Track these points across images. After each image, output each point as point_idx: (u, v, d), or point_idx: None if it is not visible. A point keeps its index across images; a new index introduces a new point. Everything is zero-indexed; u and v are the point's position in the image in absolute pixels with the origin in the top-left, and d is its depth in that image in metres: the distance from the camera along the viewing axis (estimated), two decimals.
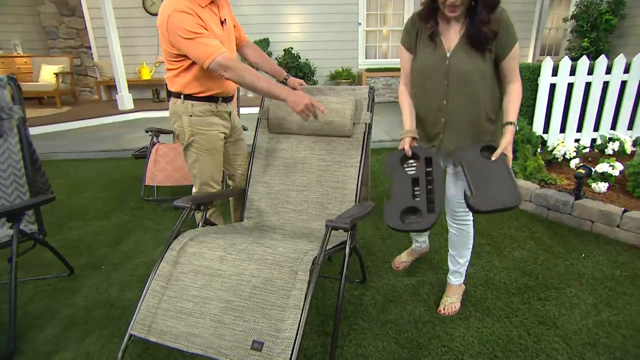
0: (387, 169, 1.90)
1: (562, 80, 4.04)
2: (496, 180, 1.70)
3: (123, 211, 3.45)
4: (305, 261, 1.57)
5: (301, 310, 1.42)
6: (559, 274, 2.47)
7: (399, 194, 1.81)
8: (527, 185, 3.34)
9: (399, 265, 2.56)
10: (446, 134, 1.91)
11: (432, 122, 1.93)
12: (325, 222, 1.65)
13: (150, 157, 3.35)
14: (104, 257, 2.76)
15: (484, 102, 1.83)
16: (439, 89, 1.85)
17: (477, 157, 1.79)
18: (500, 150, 1.75)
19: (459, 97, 1.83)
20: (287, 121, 2.34)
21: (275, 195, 2.32)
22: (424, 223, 1.71)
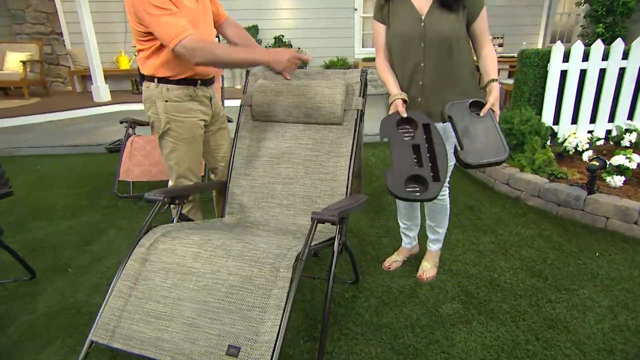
0: (384, 134, 1.96)
1: (574, 67, 4.01)
2: (485, 135, 1.84)
3: (95, 209, 3.40)
4: (289, 257, 1.53)
5: (282, 311, 1.38)
6: (570, 274, 2.44)
7: (401, 161, 1.87)
8: (536, 179, 3.32)
9: (390, 265, 2.55)
10: (424, 97, 2.06)
11: (409, 85, 2.06)
12: (311, 214, 1.60)
13: (125, 151, 3.30)
14: (70, 259, 2.70)
15: (460, 62, 2.00)
16: (416, 52, 2.00)
17: (465, 112, 1.92)
18: (489, 106, 1.91)
19: (436, 57, 1.98)
20: (272, 108, 2.30)
21: (259, 189, 2.28)
22: (430, 192, 1.78)
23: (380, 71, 2.15)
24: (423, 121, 1.96)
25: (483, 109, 1.92)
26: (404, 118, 1.98)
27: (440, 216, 2.39)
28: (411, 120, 1.98)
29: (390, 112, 2.03)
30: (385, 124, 1.99)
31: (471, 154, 1.82)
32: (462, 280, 2.40)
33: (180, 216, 1.97)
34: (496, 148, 1.81)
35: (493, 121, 1.89)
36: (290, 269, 1.49)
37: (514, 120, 3.76)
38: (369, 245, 2.82)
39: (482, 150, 1.82)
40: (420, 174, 1.84)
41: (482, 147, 1.83)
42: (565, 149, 3.86)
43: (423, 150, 1.89)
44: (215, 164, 2.36)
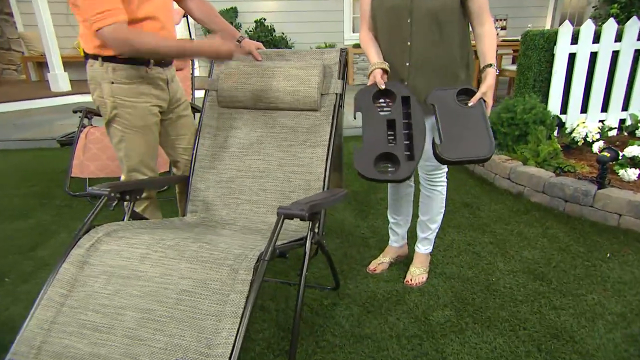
0: (357, 108, 1.92)
1: (584, 49, 3.99)
2: (470, 128, 1.80)
3: (45, 210, 3.31)
4: (250, 258, 1.47)
5: (240, 319, 1.32)
6: (577, 278, 2.40)
7: (372, 138, 1.84)
8: (540, 173, 3.29)
9: (375, 268, 2.50)
10: (411, 80, 2.01)
11: (395, 67, 2.02)
12: (277, 209, 1.55)
13: (79, 144, 3.22)
14: (11, 266, 2.62)
15: (453, 43, 1.95)
16: (402, 29, 1.95)
17: (452, 101, 1.88)
18: (479, 95, 1.86)
19: (424, 37, 1.93)
20: (241, 93, 2.25)
21: (225, 184, 2.22)
22: (400, 172, 1.76)
23: (363, 42, 2.11)
24: (402, 93, 1.92)
25: (472, 98, 1.87)
26: (382, 90, 1.94)
27: (434, 207, 2.32)
28: (390, 93, 1.94)
29: (368, 83, 1.98)
30: (359, 97, 1.95)
31: (450, 148, 1.78)
32: (455, 285, 2.36)
33: (133, 214, 1.90)
34: (479, 143, 1.78)
35: (482, 113, 1.84)
36: (250, 271, 1.42)
37: (517, 109, 3.72)
38: (353, 246, 2.76)
39: (463, 145, 1.78)
40: (393, 151, 1.80)
41: (464, 141, 1.79)
42: (573, 140, 3.84)
43: (399, 125, 1.85)
44: (176, 157, 2.29)
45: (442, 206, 2.35)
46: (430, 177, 2.26)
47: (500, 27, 6.19)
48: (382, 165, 1.85)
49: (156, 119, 2.07)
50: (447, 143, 1.80)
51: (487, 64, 1.92)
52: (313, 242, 1.76)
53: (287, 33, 8.34)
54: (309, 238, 1.73)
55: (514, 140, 3.77)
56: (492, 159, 3.67)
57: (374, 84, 1.95)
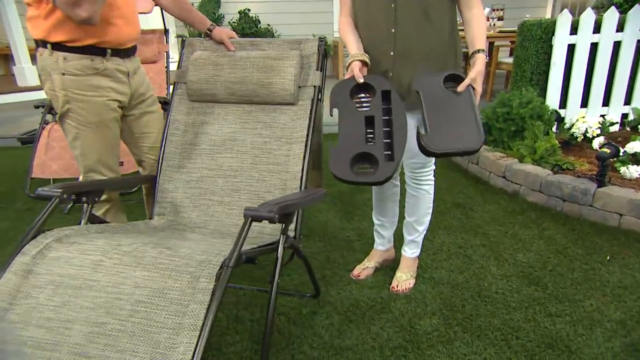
0: (334, 104, 1.87)
1: (584, 40, 3.96)
2: (458, 118, 1.76)
3: (6, 214, 3.23)
4: (213, 264, 1.42)
5: (200, 331, 1.26)
6: (575, 282, 2.37)
7: (348, 137, 1.80)
8: (537, 171, 3.25)
9: (359, 274, 2.45)
10: (396, 71, 1.96)
11: (378, 57, 1.96)
12: (244, 210, 1.49)
13: (40, 142, 3.14)
14: None
15: (441, 30, 1.91)
16: (385, 14, 1.89)
17: (438, 87, 1.84)
18: (468, 82, 1.82)
19: (410, 23, 1.88)
20: (212, 85, 2.19)
21: (196, 184, 2.17)
22: (379, 174, 1.71)
23: (341, 30, 2.06)
24: (383, 87, 1.86)
25: (461, 85, 1.83)
26: (361, 84, 1.88)
27: (421, 208, 2.29)
28: (370, 88, 1.88)
29: (346, 76, 1.93)
30: (336, 92, 1.89)
31: (436, 139, 1.74)
32: (444, 291, 2.31)
33: (91, 218, 1.83)
34: (468, 134, 1.73)
35: (471, 101, 1.80)
36: (212, 279, 1.37)
37: (513, 103, 3.69)
38: (337, 250, 2.71)
39: (450, 136, 1.74)
40: (371, 151, 1.75)
41: (451, 132, 1.75)
42: (572, 136, 3.81)
43: (378, 123, 1.80)
44: (141, 156, 2.23)
45: (430, 206, 2.31)
46: (416, 176, 2.22)
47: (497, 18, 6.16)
48: (360, 166, 1.80)
49: (115, 114, 2.00)
50: (433, 133, 1.75)
51: (476, 50, 1.88)
52: (286, 247, 1.71)
53: (273, 24, 8.27)
54: (281, 242, 1.68)
55: (509, 137, 3.74)
56: (487, 157, 3.63)
57: (352, 78, 1.90)
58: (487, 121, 3.88)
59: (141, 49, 3.63)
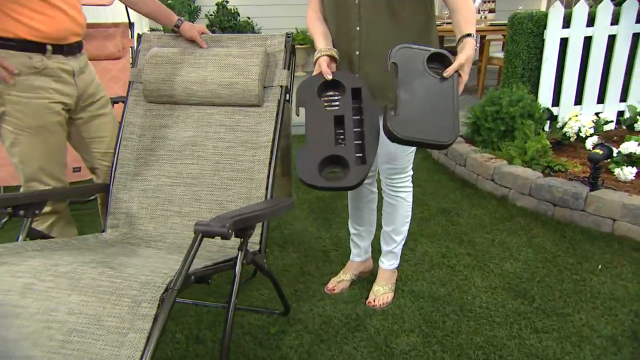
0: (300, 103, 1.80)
1: (577, 33, 3.92)
2: (434, 104, 1.65)
3: None
4: (158, 286, 1.34)
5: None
6: (564, 295, 2.32)
7: (316, 138, 1.73)
8: (526, 173, 3.20)
9: (334, 287, 2.39)
10: (362, 72, 1.90)
11: (345, 57, 1.92)
12: (195, 225, 1.41)
13: None
14: None
15: (411, 27, 1.84)
16: (350, 12, 1.84)
17: (420, 64, 1.69)
18: (456, 66, 1.68)
19: (375, 20, 1.82)
20: (170, 85, 2.12)
21: (153, 193, 2.09)
22: (350, 178, 1.65)
23: (309, 24, 2.00)
24: (353, 85, 1.79)
25: (448, 69, 1.67)
26: (329, 81, 1.80)
27: (398, 216, 2.23)
28: (339, 85, 1.80)
29: (314, 73, 1.84)
30: (302, 89, 1.82)
31: (404, 123, 1.60)
32: (425, 306, 2.25)
33: (33, 233, 1.74)
34: (442, 126, 1.62)
35: (453, 89, 1.67)
36: (155, 303, 1.29)
37: (502, 101, 3.63)
38: (312, 261, 2.64)
39: (421, 122, 1.61)
40: (341, 154, 1.69)
41: (423, 118, 1.62)
42: (565, 135, 3.76)
43: (348, 122, 1.73)
44: (94, 163, 2.15)
45: (408, 215, 2.25)
46: (392, 182, 2.16)
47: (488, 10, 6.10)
48: (330, 170, 1.73)
49: (58, 118, 1.91)
50: (402, 115, 1.61)
51: (464, 34, 1.74)
52: (245, 264, 1.63)
53: (254, 17, 8.14)
54: (239, 259, 1.61)
55: (499, 137, 3.68)
56: (475, 158, 3.57)
57: (320, 74, 1.82)
58: (476, 120, 3.83)
59: (104, 44, 3.55)
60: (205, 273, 1.52)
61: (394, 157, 2.06)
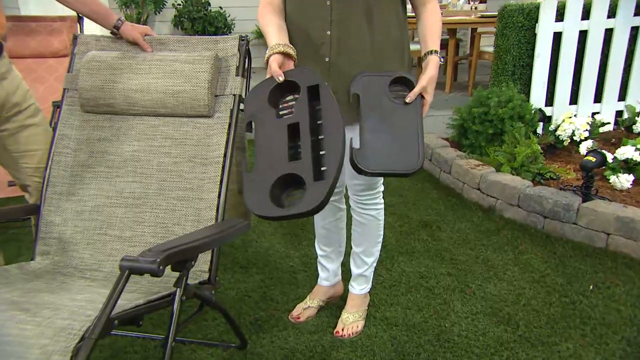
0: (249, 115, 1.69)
1: (572, 27, 3.88)
2: (399, 132, 1.68)
3: None
4: (74, 333, 1.25)
5: None
6: (551, 320, 2.26)
7: (267, 157, 1.59)
8: (514, 182, 3.14)
9: (299, 315, 2.31)
10: (332, 80, 1.80)
11: (313, 64, 1.81)
12: (120, 261, 1.32)
13: None
14: None
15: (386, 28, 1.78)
16: (320, 13, 1.75)
17: (383, 92, 1.73)
18: (418, 91, 1.72)
19: (349, 22, 1.74)
20: (109, 94, 2.03)
21: (89, 215, 2.00)
22: (306, 201, 1.47)
23: (260, 18, 1.86)
24: (309, 82, 1.64)
25: (410, 94, 1.73)
26: (283, 84, 1.67)
27: (369, 236, 2.17)
28: (294, 86, 1.67)
29: (267, 76, 1.72)
30: (250, 100, 1.71)
31: (369, 156, 1.63)
32: (398, 335, 2.18)
33: None
34: (406, 154, 1.65)
35: (417, 115, 1.71)
36: (67, 355, 1.20)
37: (491, 102, 3.57)
38: (277, 285, 2.56)
39: (386, 153, 1.65)
40: (295, 171, 1.53)
41: (387, 149, 1.65)
42: (558, 139, 3.70)
43: (304, 130, 1.58)
44: (25, 180, 2.06)
45: (380, 234, 2.18)
46: (360, 199, 2.08)
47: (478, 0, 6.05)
48: (288, 192, 1.59)
49: None
50: (366, 148, 1.64)
51: (429, 50, 1.79)
52: (184, 300, 1.54)
53: (227, 7, 8.00)
54: (177, 295, 1.52)
55: (487, 140, 3.62)
56: (460, 165, 3.51)
57: (270, 79, 1.70)
58: (463, 122, 3.77)
59: (48, 40, 3.44)
60: (136, 312, 1.43)
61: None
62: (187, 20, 7.47)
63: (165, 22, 7.84)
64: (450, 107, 4.25)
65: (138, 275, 1.36)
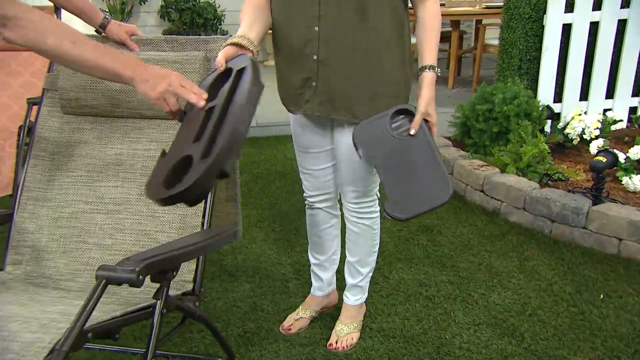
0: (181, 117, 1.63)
1: (582, 18, 3.87)
2: (417, 168, 1.74)
3: None
4: (43, 346, 1.26)
5: None
6: (558, 332, 2.27)
7: (177, 142, 1.58)
8: (520, 183, 3.15)
9: (291, 327, 2.31)
10: (321, 79, 1.80)
11: (300, 61, 1.81)
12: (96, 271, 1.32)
13: None
14: None
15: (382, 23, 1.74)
16: (307, 8, 1.73)
17: (385, 135, 1.76)
18: (419, 119, 1.76)
19: (339, 18, 1.71)
20: (92, 94, 2.04)
21: (66, 222, 2.01)
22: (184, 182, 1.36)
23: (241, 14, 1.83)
24: (240, 65, 1.58)
25: (413, 125, 1.76)
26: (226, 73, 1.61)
27: (364, 246, 2.17)
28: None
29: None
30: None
31: (402, 205, 1.70)
32: (396, 347, 2.19)
33: None
34: (434, 187, 1.71)
35: (427, 143, 1.76)
36: None
37: (495, 99, 3.57)
38: (268, 294, 2.57)
39: (415, 195, 1.71)
40: (190, 152, 1.44)
41: (414, 190, 1.72)
42: (567, 137, 3.71)
43: (216, 112, 1.49)
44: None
45: (375, 244, 2.19)
46: (355, 207, 2.09)
47: None
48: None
49: None
50: (394, 198, 1.71)
51: (424, 65, 1.80)
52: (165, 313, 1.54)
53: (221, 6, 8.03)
54: (157, 307, 1.51)
55: (492, 139, 3.63)
56: (462, 166, 3.53)
57: (213, 71, 1.66)
58: (466, 120, 3.77)
59: None
60: (111, 326, 1.43)
61: (357, 178, 1.99)
62: (175, 11, 7.47)
63: (151, 12, 7.84)
64: (452, 104, 4.25)
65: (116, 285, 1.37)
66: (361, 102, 1.81)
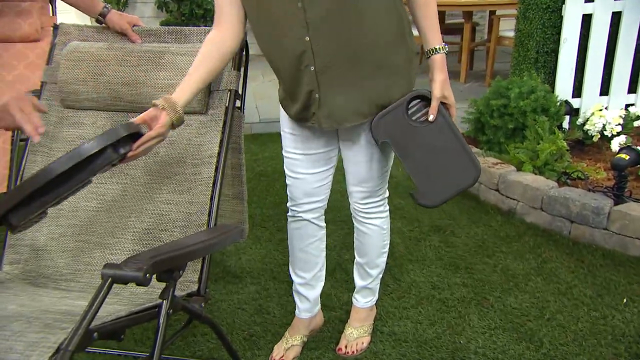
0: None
1: (603, 9, 3.89)
2: (442, 153, 1.79)
3: None
4: (48, 346, 1.28)
5: None
6: (579, 337, 2.29)
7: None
8: (537, 182, 3.18)
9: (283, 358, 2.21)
10: (323, 91, 1.76)
11: (298, 75, 1.76)
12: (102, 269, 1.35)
13: None
14: None
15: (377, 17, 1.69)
16: (291, 19, 1.65)
17: (403, 125, 1.80)
18: (436, 104, 1.77)
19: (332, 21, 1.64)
20: (93, 88, 2.07)
21: (66, 221, 2.04)
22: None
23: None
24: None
25: (430, 110, 1.77)
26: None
27: (373, 247, 2.18)
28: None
29: None
30: None
31: (429, 193, 1.79)
32: (408, 352, 2.22)
33: None
34: (460, 169, 1.78)
35: (448, 125, 1.80)
36: None
37: (511, 93, 3.60)
38: (274, 296, 2.61)
39: (442, 180, 1.78)
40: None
41: (441, 175, 1.78)
42: (586, 134, 3.73)
43: None
44: None
45: (385, 244, 2.21)
46: (362, 207, 2.10)
47: None
48: None
49: None
50: (421, 185, 1.79)
51: (432, 48, 1.79)
52: (171, 313, 1.57)
53: None
54: (163, 308, 1.54)
55: (507, 136, 3.65)
56: None
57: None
58: (479, 116, 3.80)
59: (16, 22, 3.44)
60: (116, 326, 1.46)
61: (366, 178, 2.00)
62: (173, 1, 7.50)
63: (148, 3, 7.87)
64: (465, 98, 4.28)
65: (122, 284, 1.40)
66: (369, 103, 1.79)
